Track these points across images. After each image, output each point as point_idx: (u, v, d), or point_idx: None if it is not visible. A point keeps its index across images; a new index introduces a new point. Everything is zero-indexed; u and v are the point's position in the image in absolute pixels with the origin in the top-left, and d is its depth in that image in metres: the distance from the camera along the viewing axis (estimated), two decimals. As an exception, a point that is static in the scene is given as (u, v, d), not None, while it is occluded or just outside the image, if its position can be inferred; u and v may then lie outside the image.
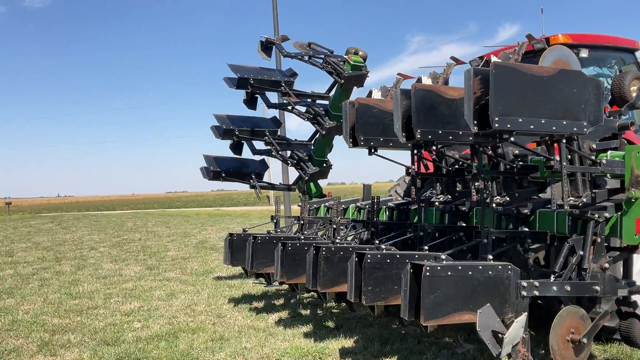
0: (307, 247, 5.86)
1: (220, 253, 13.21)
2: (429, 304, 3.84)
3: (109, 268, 11.20)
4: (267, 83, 8.12)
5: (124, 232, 20.23)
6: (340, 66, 7.54)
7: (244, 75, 7.90)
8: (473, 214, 5.31)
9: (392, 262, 4.54)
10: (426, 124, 4.02)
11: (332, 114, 8.00)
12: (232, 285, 8.92)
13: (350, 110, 4.82)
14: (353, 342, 5.58)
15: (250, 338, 5.83)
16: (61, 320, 6.84)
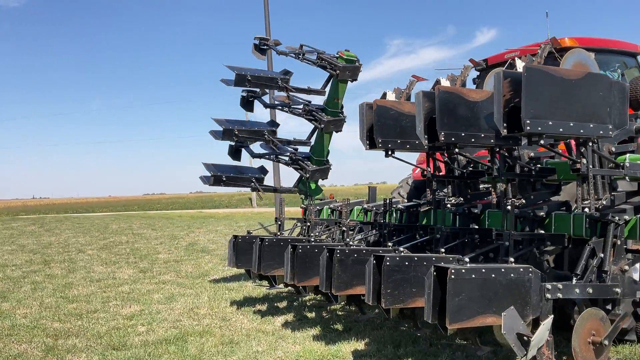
0: (318, 249, 5.85)
1: (212, 256, 13.15)
2: (454, 307, 3.84)
3: (101, 271, 11.04)
4: (264, 79, 8.23)
5: (109, 234, 19.98)
6: (334, 60, 7.78)
7: (242, 72, 7.96)
8: (485, 216, 5.33)
9: (411, 264, 4.54)
10: (450, 126, 4.03)
11: (329, 111, 8.13)
12: (231, 288, 8.85)
13: (367, 112, 4.81)
14: (365, 345, 5.56)
15: (261, 341, 5.78)
16: (62, 325, 6.71)
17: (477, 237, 5.10)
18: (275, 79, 8.22)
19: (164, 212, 46.79)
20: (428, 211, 5.98)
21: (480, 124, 4.16)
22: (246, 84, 8.11)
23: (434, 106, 4.20)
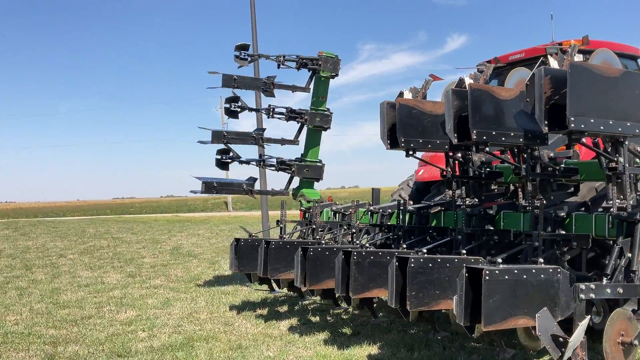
0: (329, 252, 5.73)
1: (200, 260, 12.92)
2: (488, 309, 3.76)
3: (87, 276, 10.73)
4: (249, 80, 8.48)
5: (87, 238, 19.54)
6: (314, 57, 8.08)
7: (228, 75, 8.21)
8: (500, 217, 5.27)
9: (434, 266, 4.45)
10: (482, 124, 3.95)
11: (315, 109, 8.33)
12: (227, 292, 8.66)
13: (388, 111, 4.71)
14: (378, 349, 5.45)
15: (270, 346, 5.62)
16: (58, 331, 6.46)
17: (496, 238, 5.03)
18: (261, 80, 8.45)
19: (139, 216, 46.14)
20: (439, 213, 5.90)
21: (509, 122, 4.09)
22: (234, 84, 8.28)
23: (462, 104, 4.13)
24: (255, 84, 8.57)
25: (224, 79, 8.28)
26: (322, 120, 8.33)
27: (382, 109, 4.72)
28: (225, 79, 8.29)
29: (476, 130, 3.93)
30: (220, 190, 8.48)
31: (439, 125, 4.74)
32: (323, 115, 8.33)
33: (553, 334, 3.84)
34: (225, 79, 8.29)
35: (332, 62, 8.18)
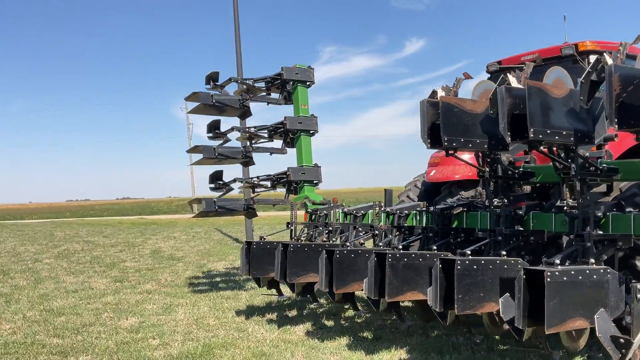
0: (355, 254, 5.58)
1: (185, 263, 12.62)
2: (550, 311, 3.69)
3: (72, 281, 10.31)
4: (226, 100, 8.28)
5: (58, 242, 18.90)
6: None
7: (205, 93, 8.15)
8: (529, 217, 5.21)
9: (479, 268, 4.35)
10: (539, 123, 3.87)
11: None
12: (227, 296, 8.41)
13: (429, 110, 4.59)
14: (406, 353, 5.33)
15: (294, 353, 5.44)
16: (62, 340, 6.13)
17: (532, 239, 4.97)
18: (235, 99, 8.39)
19: (102, 218, 45.05)
20: (461, 213, 5.81)
21: (560, 121, 4.03)
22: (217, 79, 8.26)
23: (515, 102, 4.04)
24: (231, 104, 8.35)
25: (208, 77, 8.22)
26: (304, 123, 8.17)
27: (423, 107, 4.59)
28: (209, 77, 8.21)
29: (533, 129, 3.85)
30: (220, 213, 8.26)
31: (478, 124, 4.65)
32: (305, 119, 8.19)
33: (612, 335, 3.79)
34: (210, 76, 8.21)
35: (305, 71, 8.23)
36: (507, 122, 3.98)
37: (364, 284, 5.49)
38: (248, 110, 8.50)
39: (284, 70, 8.11)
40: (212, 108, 8.21)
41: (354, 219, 6.95)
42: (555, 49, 6.75)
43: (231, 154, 8.23)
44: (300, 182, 8.14)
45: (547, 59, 6.74)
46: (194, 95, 8.11)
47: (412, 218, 6.43)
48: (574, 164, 4.48)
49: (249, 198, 8.15)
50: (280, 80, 8.18)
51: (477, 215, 5.66)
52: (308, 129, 8.20)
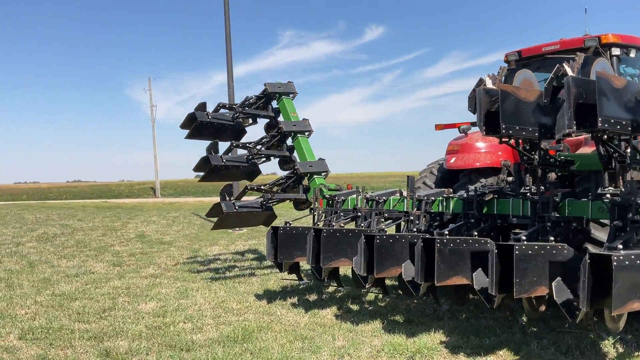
0: (393, 240, 5.65)
1: (177, 247, 12.50)
2: (617, 294, 3.84)
3: (68, 265, 10.09)
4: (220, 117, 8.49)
5: (33, 225, 18.40)
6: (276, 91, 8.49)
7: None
8: (564, 204, 5.36)
9: (533, 253, 4.48)
10: (608, 112, 4.00)
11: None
12: (238, 281, 8.39)
13: (484, 97, 4.67)
14: (445, 336, 5.45)
15: (335, 336, 5.49)
16: (88, 325, 6.02)
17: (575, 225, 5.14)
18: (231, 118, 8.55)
19: (64, 201, 44.06)
20: (492, 200, 5.94)
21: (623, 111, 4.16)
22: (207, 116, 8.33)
23: (580, 92, 4.15)
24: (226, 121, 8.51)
25: (198, 115, 8.22)
26: (298, 126, 8.41)
27: (479, 95, 4.67)
28: (200, 115, 8.23)
29: (602, 118, 3.97)
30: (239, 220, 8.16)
31: (530, 113, 4.76)
32: (298, 122, 8.43)
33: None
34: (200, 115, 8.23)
35: (289, 85, 8.63)
36: (574, 112, 4.08)
37: (402, 268, 5.59)
38: (243, 129, 8.72)
39: (267, 86, 8.49)
40: (208, 130, 8.34)
41: (376, 205, 7.01)
42: (577, 41, 6.92)
43: (238, 160, 8.24)
44: (309, 175, 8.16)
45: (568, 50, 6.90)
46: (189, 117, 8.26)
47: (437, 204, 6.55)
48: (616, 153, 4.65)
49: (266, 195, 8.09)
50: (265, 95, 8.52)
51: (508, 202, 5.81)
52: (303, 130, 8.43)
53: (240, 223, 8.32)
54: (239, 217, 8.01)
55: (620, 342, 5.12)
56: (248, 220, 8.32)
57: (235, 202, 7.89)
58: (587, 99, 4.09)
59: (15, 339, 5.58)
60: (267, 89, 8.51)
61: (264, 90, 8.55)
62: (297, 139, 8.40)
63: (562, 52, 6.97)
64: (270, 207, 8.17)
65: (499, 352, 4.97)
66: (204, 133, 8.39)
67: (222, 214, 7.69)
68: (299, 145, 8.39)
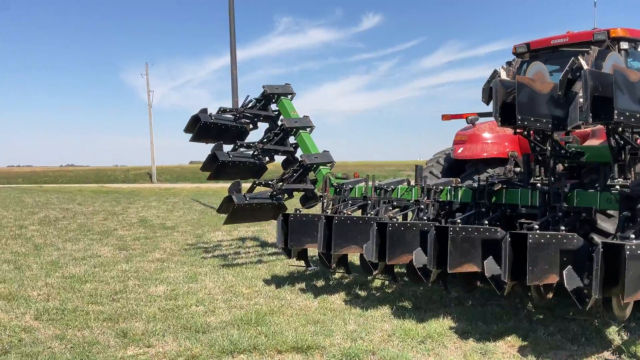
0: (405, 228, 5.75)
1: (181, 233, 12.58)
2: (629, 282, 3.97)
3: (74, 249, 10.17)
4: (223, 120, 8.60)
5: (34, 209, 18.44)
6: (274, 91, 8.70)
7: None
8: (573, 195, 5.46)
9: (545, 242, 4.59)
10: (624, 105, 4.09)
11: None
12: (245, 266, 8.50)
13: (500, 89, 4.76)
14: (454, 322, 5.57)
15: (346, 320, 5.60)
16: (101, 307, 6.13)
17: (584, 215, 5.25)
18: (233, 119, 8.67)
19: (61, 185, 44.04)
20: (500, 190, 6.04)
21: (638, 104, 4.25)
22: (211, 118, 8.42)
23: (596, 85, 4.24)
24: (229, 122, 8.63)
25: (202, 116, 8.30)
26: (300, 122, 8.54)
27: (495, 87, 4.76)
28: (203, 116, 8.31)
29: (618, 110, 4.07)
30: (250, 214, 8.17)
31: (544, 104, 4.85)
32: (299, 119, 8.58)
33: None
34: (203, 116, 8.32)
35: (286, 87, 8.83)
36: (590, 104, 4.17)
37: (413, 255, 5.70)
38: (246, 130, 8.83)
39: (266, 88, 8.70)
40: (211, 132, 8.42)
41: (384, 194, 7.11)
42: (586, 34, 6.99)
43: (244, 157, 8.31)
44: (315, 166, 8.23)
45: (577, 43, 6.98)
46: (192, 119, 8.35)
47: (446, 193, 6.64)
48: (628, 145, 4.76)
49: (275, 185, 8.15)
50: (264, 97, 8.72)
51: (517, 192, 5.91)
52: (305, 125, 8.57)
53: (251, 217, 8.32)
54: (250, 211, 8.00)
55: (625, 330, 5.25)
56: (259, 215, 8.31)
57: (246, 195, 7.93)
58: (603, 91, 4.18)
59: (32, 319, 5.67)
60: (265, 90, 8.72)
61: (263, 93, 8.76)
62: (299, 135, 8.52)
63: (571, 45, 7.05)
64: (280, 200, 8.22)
65: (507, 338, 5.10)
66: (208, 135, 8.51)
67: (234, 206, 7.71)
68: (302, 141, 8.50)
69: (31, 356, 4.62)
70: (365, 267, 6.37)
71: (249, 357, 4.61)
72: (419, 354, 4.72)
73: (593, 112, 4.19)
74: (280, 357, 4.62)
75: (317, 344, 4.86)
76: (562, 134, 5.87)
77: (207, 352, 4.69)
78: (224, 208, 7.96)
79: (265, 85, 8.76)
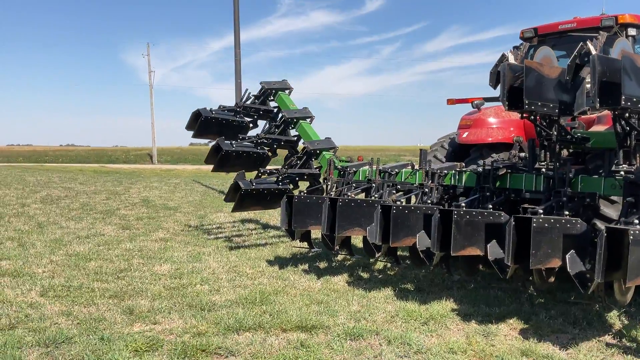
0: (409, 211, 5.79)
1: (183, 213, 12.62)
2: (632, 266, 4.01)
3: (76, 227, 10.21)
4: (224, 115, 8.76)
5: (36, 187, 18.44)
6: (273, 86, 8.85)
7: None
8: (577, 180, 5.49)
9: (549, 226, 4.63)
10: (632, 91, 4.10)
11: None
12: (248, 247, 8.56)
13: (509, 73, 4.76)
14: (456, 304, 5.63)
15: (350, 301, 5.67)
16: (106, 285, 6.18)
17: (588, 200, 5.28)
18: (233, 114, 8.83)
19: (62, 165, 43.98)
20: (505, 175, 6.06)
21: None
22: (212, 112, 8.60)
23: (604, 70, 4.24)
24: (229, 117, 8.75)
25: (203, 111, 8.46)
26: (299, 112, 8.65)
27: (504, 71, 4.76)
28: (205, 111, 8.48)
29: (625, 96, 4.08)
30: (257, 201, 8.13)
31: (552, 89, 4.86)
32: (299, 110, 8.69)
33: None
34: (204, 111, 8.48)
35: (284, 82, 9.01)
36: (598, 89, 4.19)
37: (416, 238, 5.74)
38: (247, 125, 8.90)
39: (264, 84, 8.90)
40: (213, 127, 8.51)
41: (388, 177, 7.13)
42: (594, 20, 6.98)
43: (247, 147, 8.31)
44: (319, 151, 8.24)
45: (585, 29, 6.96)
46: (193, 115, 8.48)
47: (450, 177, 6.67)
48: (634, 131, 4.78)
49: (281, 170, 8.18)
50: (262, 94, 8.89)
51: (522, 177, 5.93)
52: (305, 116, 8.66)
53: (259, 204, 8.28)
54: (258, 197, 7.95)
55: (625, 315, 5.31)
56: (266, 202, 8.27)
57: (252, 180, 7.92)
58: (611, 77, 4.19)
59: (37, 296, 5.73)
60: (263, 86, 8.86)
61: (261, 89, 8.89)
62: (300, 125, 8.58)
63: (578, 30, 7.03)
64: (287, 186, 8.23)
65: (509, 321, 5.15)
66: (209, 131, 8.59)
67: (241, 192, 7.67)
68: (303, 130, 8.53)
69: (38, 331, 4.67)
70: (368, 249, 6.41)
71: (254, 334, 4.67)
72: (422, 334, 4.78)
73: (600, 98, 4.20)
74: (285, 336, 4.67)
75: (321, 324, 4.92)
76: (568, 120, 5.88)
77: (213, 329, 4.75)
78: (231, 196, 7.94)
79: (263, 81, 8.93)
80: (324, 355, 4.26)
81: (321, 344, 4.48)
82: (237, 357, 4.24)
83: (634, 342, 4.67)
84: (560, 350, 4.47)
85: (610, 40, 5.57)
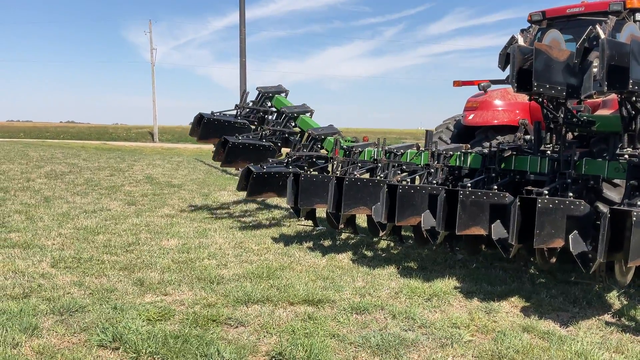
0: (414, 190, 5.88)
1: (187, 191, 12.71)
2: (634, 246, 4.11)
3: (83, 202, 10.32)
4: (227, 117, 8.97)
5: (38, 162, 18.51)
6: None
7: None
8: (582, 163, 5.58)
9: (554, 207, 4.72)
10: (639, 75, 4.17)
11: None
12: (253, 224, 8.69)
13: (518, 55, 4.82)
14: (459, 282, 5.74)
15: (354, 277, 5.79)
16: (116, 257, 6.30)
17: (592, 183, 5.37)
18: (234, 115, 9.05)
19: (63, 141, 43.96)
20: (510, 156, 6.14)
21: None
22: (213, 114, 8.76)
23: (613, 54, 4.30)
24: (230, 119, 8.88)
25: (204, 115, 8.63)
26: (299, 108, 8.80)
27: (513, 53, 4.82)
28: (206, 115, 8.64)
29: (632, 80, 4.15)
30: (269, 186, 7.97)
31: (560, 72, 4.92)
32: (298, 106, 8.84)
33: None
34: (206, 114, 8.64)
35: (279, 87, 9.23)
36: (606, 73, 4.25)
37: (421, 218, 5.84)
38: (249, 126, 9.02)
39: (261, 89, 9.16)
40: (215, 130, 8.62)
41: (394, 157, 7.21)
42: (602, 4, 7.00)
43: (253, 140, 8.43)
44: (323, 137, 8.31)
45: (592, 12, 6.99)
46: (196, 118, 8.65)
47: (455, 158, 6.75)
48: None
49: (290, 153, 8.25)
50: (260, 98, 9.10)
51: (527, 159, 6.01)
52: (305, 110, 8.80)
53: (271, 190, 8.28)
54: (269, 182, 7.92)
55: (625, 295, 5.43)
56: (279, 187, 8.27)
57: (263, 164, 7.95)
58: (619, 61, 4.25)
59: (48, 267, 5.84)
60: (260, 91, 9.12)
61: (259, 94, 9.13)
62: (301, 119, 8.69)
63: (586, 14, 7.06)
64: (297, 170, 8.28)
65: (511, 299, 5.27)
66: (213, 134, 8.68)
67: (253, 175, 7.67)
68: (304, 123, 8.63)
69: (52, 300, 4.79)
70: (372, 228, 6.52)
71: (262, 307, 4.79)
72: (426, 310, 4.90)
73: (608, 81, 4.27)
74: (293, 309, 4.79)
75: (327, 298, 5.04)
76: (575, 103, 5.95)
77: (223, 301, 4.87)
78: (243, 183, 7.93)
79: (260, 86, 9.21)
80: (331, 327, 4.38)
81: (328, 317, 4.60)
82: (246, 328, 4.36)
83: (633, 321, 4.79)
84: (560, 327, 4.59)
85: (618, 24, 5.62)
